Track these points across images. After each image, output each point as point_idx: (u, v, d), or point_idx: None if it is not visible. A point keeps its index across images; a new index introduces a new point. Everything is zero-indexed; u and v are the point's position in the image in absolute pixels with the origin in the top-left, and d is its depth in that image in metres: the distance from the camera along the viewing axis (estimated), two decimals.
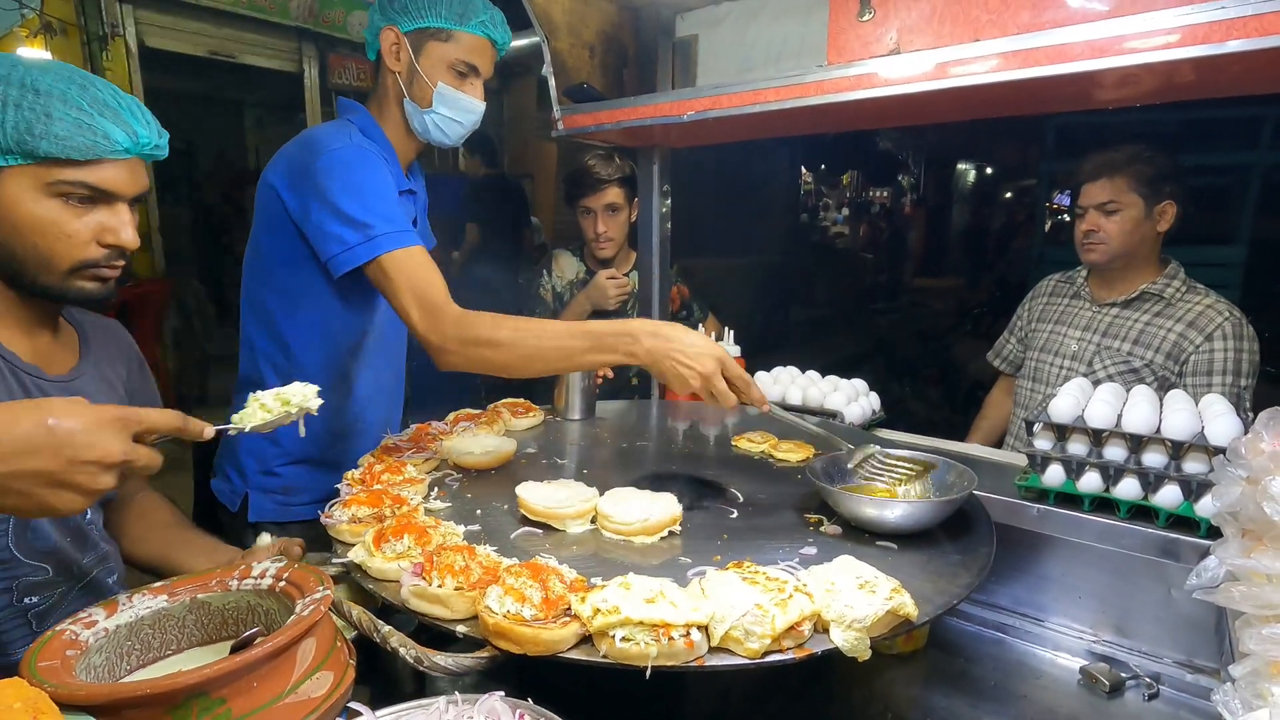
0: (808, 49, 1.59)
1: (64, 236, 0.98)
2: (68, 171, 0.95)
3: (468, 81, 1.52)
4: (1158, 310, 1.87)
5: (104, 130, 0.96)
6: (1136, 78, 1.14)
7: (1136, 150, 1.86)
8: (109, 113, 0.97)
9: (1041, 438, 1.33)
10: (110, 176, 0.98)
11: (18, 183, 0.95)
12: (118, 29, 4.78)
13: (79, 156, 0.95)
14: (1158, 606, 1.24)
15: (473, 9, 1.48)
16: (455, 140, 1.57)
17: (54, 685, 0.66)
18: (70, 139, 0.94)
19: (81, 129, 0.95)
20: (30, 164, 0.94)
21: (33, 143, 0.92)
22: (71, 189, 0.96)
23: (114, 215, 1.01)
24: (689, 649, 0.79)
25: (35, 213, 0.96)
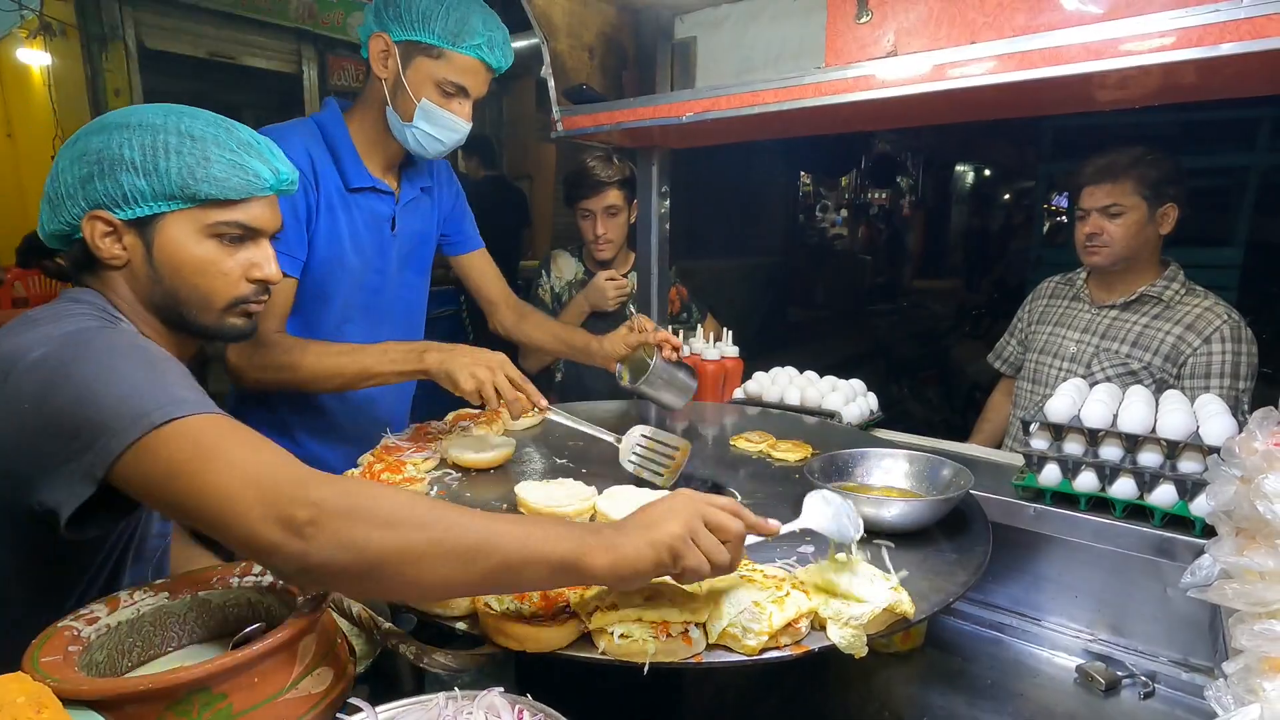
0: (806, 51, 1.60)
1: (220, 275, 1.02)
2: (223, 212, 1.00)
3: (454, 101, 1.48)
4: (1156, 313, 1.87)
5: (254, 170, 1.01)
6: (1132, 80, 1.15)
7: (1140, 153, 1.85)
8: (254, 152, 1.02)
9: (1038, 437, 1.34)
10: (258, 214, 1.03)
11: (180, 227, 0.99)
12: (117, 30, 4.78)
13: (235, 196, 1.00)
14: (1153, 605, 1.25)
15: (468, 30, 1.43)
16: (435, 155, 1.55)
17: (57, 680, 0.66)
18: (227, 180, 0.98)
19: (235, 169, 0.99)
20: (189, 208, 0.98)
21: (194, 186, 0.97)
22: (227, 229, 1.01)
23: (259, 251, 1.06)
24: (687, 646, 0.79)
25: (196, 254, 1.00)
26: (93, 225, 0.97)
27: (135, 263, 1.00)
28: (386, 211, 1.61)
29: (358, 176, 1.54)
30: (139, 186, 0.95)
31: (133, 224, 0.97)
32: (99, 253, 0.98)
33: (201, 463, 0.75)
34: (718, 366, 2.01)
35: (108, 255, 0.98)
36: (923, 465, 1.26)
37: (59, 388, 0.81)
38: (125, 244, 0.99)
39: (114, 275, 1.00)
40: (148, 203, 0.96)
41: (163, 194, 0.96)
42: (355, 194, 1.54)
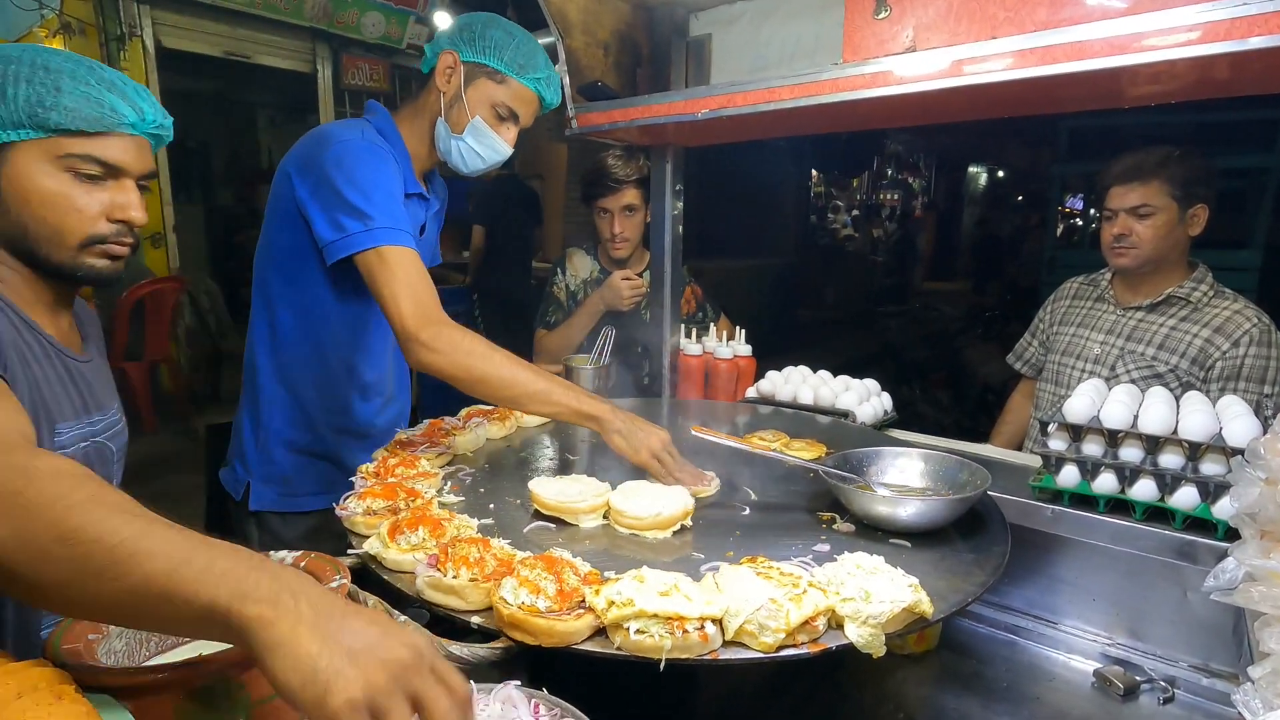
0: (822, 47, 1.59)
1: (74, 210, 1.01)
2: (76, 144, 0.99)
3: (504, 125, 1.58)
4: (1184, 315, 1.84)
5: (111, 104, 1.00)
6: (1156, 76, 1.13)
7: (1170, 152, 1.81)
8: (116, 90, 1.01)
9: (1056, 438, 1.32)
10: (117, 152, 1.02)
11: (28, 157, 0.98)
12: (135, 29, 4.84)
13: (87, 128, 0.98)
14: (1173, 609, 1.23)
15: (534, 64, 1.54)
16: (472, 171, 1.61)
17: (77, 667, 0.67)
18: (79, 110, 0.97)
19: (90, 102, 0.98)
20: (40, 137, 0.97)
21: (43, 115, 0.96)
22: (80, 162, 1.00)
23: (123, 192, 1.04)
24: (703, 642, 0.79)
25: (46, 186, 0.99)
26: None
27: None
28: (421, 217, 1.65)
29: (411, 182, 1.58)
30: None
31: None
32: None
33: None
34: (730, 365, 2.00)
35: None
36: (939, 465, 1.25)
37: None
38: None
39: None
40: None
41: (10, 122, 0.95)
42: (408, 199, 1.57)
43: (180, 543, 0.58)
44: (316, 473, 1.61)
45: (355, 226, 1.37)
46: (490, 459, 1.46)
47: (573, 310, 2.40)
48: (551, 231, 6.47)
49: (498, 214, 5.08)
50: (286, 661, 0.54)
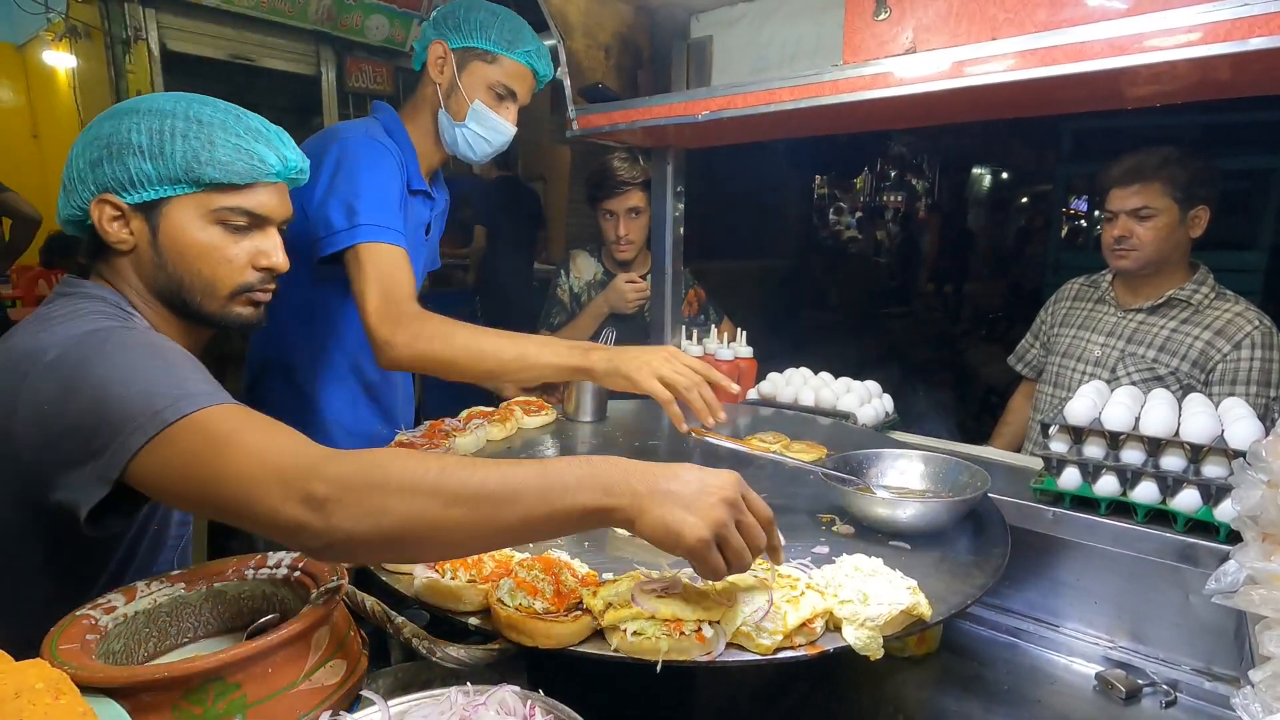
0: (823, 49, 1.59)
1: (225, 261, 1.03)
2: (228, 197, 1.01)
3: (504, 104, 1.58)
4: (1185, 317, 1.83)
5: (260, 155, 1.02)
6: (1157, 76, 1.13)
7: (1171, 154, 1.81)
8: (261, 139, 1.03)
9: (1057, 440, 1.31)
10: (264, 201, 1.04)
11: (184, 212, 1.00)
12: (140, 33, 4.86)
13: (239, 181, 1.00)
14: (1175, 612, 1.22)
15: (521, 38, 1.55)
16: (480, 158, 1.62)
17: (74, 667, 0.67)
18: (232, 164, 0.99)
19: (241, 154, 1.00)
20: (195, 192, 0.99)
21: (199, 170, 0.98)
22: (231, 215, 1.02)
23: (266, 239, 1.06)
24: (700, 644, 0.79)
25: (200, 239, 1.01)
26: (101, 209, 0.98)
27: (142, 247, 1.01)
28: (426, 216, 1.66)
29: (417, 180, 1.59)
30: (145, 170, 0.96)
31: (139, 208, 0.99)
32: (106, 237, 0.99)
33: (217, 452, 0.76)
34: (731, 367, 2.00)
35: (115, 239, 0.99)
36: (939, 467, 1.25)
37: (76, 389, 0.82)
38: (132, 228, 1.00)
39: (122, 261, 1.02)
40: (153, 186, 0.97)
41: (168, 177, 0.97)
42: (413, 196, 1.59)
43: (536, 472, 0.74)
44: None
45: (341, 224, 1.39)
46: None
47: (576, 312, 2.40)
48: (554, 234, 6.47)
49: (499, 215, 5.09)
50: (647, 528, 0.73)
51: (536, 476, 0.73)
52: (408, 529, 0.72)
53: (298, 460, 0.74)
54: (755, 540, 0.76)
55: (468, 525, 0.72)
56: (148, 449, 0.78)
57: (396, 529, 0.72)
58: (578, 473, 0.74)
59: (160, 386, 0.81)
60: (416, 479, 0.72)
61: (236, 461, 0.75)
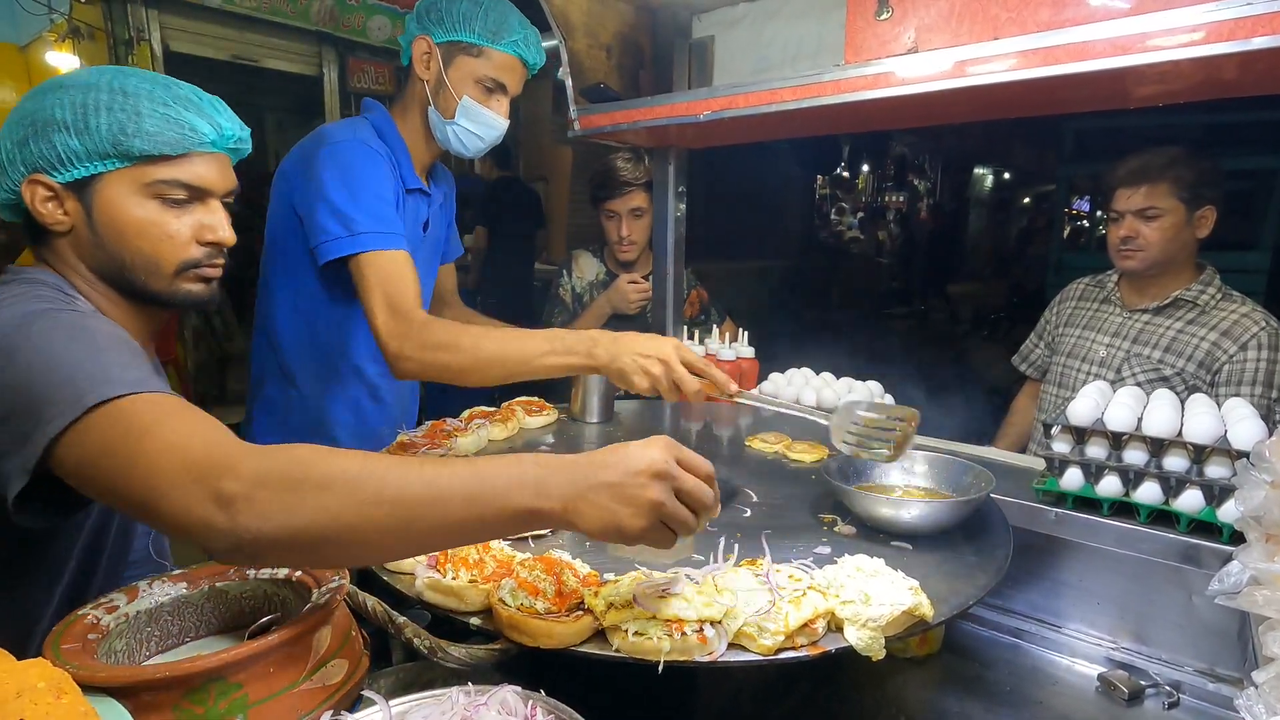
0: (825, 49, 1.59)
1: (166, 238, 0.99)
2: (162, 169, 0.97)
3: (494, 98, 1.54)
4: (1191, 318, 1.82)
5: (190, 123, 0.98)
6: (1160, 76, 1.12)
7: (1177, 154, 1.80)
8: (193, 107, 1.00)
9: (1060, 441, 1.31)
10: (201, 172, 1.00)
11: (117, 188, 0.96)
12: (143, 34, 4.87)
13: (171, 151, 0.97)
14: (1178, 613, 1.22)
15: (507, 28, 1.49)
16: (474, 152, 1.59)
17: (76, 666, 0.67)
18: (161, 134, 0.96)
19: (170, 124, 0.96)
20: (126, 166, 0.96)
21: (127, 142, 0.94)
22: (167, 188, 0.98)
23: (210, 213, 1.03)
24: (702, 644, 0.79)
25: (137, 215, 0.97)
26: (32, 190, 0.94)
27: (79, 227, 0.97)
28: (424, 213, 1.65)
29: (410, 178, 1.58)
30: (72, 146, 0.93)
31: (71, 187, 0.95)
32: (41, 219, 0.96)
33: (134, 442, 0.72)
34: (733, 367, 1.99)
35: (50, 221, 0.96)
36: (942, 467, 1.25)
37: (3, 374, 0.79)
38: (66, 208, 0.96)
39: (61, 243, 0.98)
40: (82, 163, 0.94)
41: (96, 153, 0.94)
42: (408, 195, 1.58)
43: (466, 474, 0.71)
44: None
45: (338, 230, 1.38)
46: None
47: (578, 312, 2.40)
48: (556, 234, 6.47)
49: (499, 215, 5.09)
50: (586, 525, 0.72)
51: (464, 480, 0.71)
52: (320, 529, 0.68)
53: (212, 455, 0.70)
54: (700, 501, 0.75)
55: (387, 528, 0.69)
56: (68, 435, 0.74)
57: (307, 528, 0.68)
58: (509, 474, 0.71)
59: (85, 371, 0.78)
60: (333, 477, 0.69)
61: (150, 453, 0.71)
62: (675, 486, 0.74)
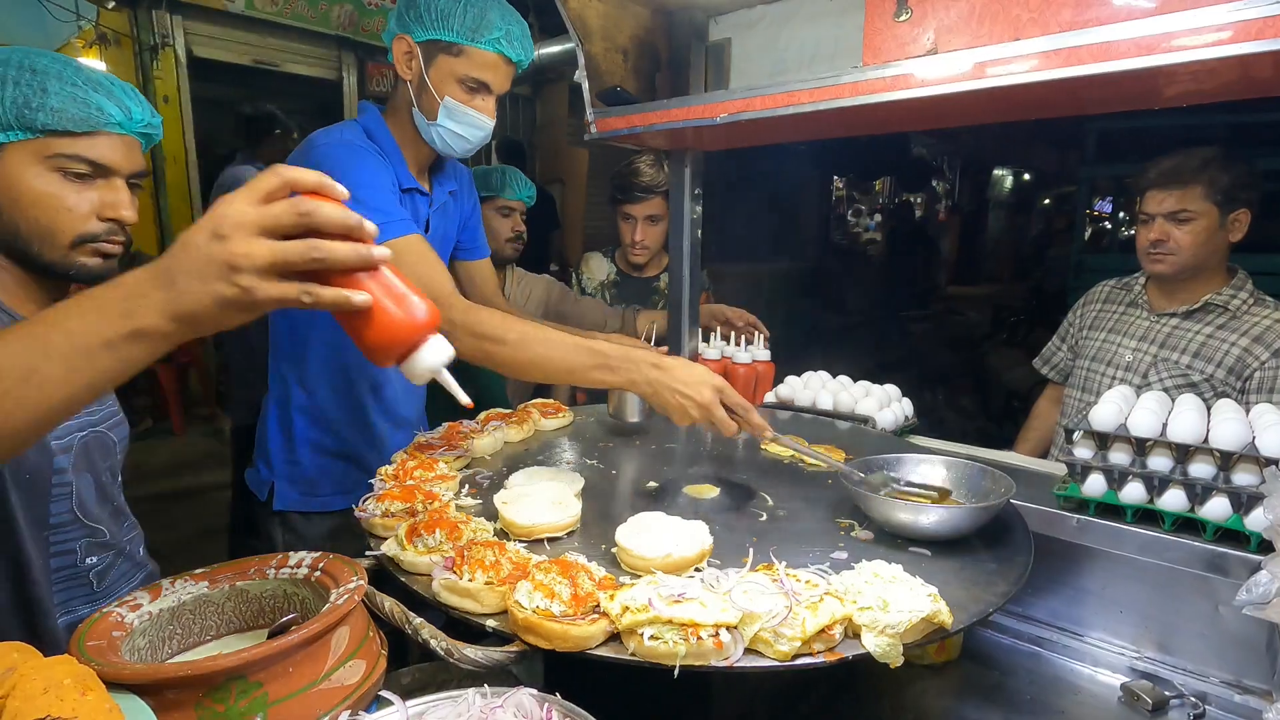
0: (842, 51, 1.58)
1: (64, 210, 1.02)
2: (65, 143, 1.00)
3: (477, 97, 1.49)
4: (1221, 323, 1.78)
5: (98, 104, 1.01)
6: (1186, 76, 1.10)
7: (1210, 155, 1.76)
8: (102, 89, 1.03)
9: (1082, 446, 1.29)
10: (106, 151, 1.03)
11: (18, 158, 0.99)
12: (168, 39, 4.96)
13: (75, 128, 1.00)
14: (1204, 623, 1.19)
15: (486, 25, 1.44)
16: (461, 153, 1.57)
17: (101, 664, 0.68)
18: (66, 111, 0.99)
19: (76, 102, 1.00)
20: (29, 138, 0.99)
21: (30, 116, 0.97)
22: (68, 162, 1.01)
23: (112, 191, 1.05)
24: (718, 649, 0.78)
25: (35, 186, 1.00)
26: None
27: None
28: (424, 213, 1.64)
29: (405, 178, 1.57)
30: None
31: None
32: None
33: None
34: (749, 370, 1.99)
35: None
36: (960, 472, 1.23)
37: None
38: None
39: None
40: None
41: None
42: (404, 194, 1.57)
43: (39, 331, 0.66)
44: (339, 473, 1.63)
45: None
46: (508, 462, 1.47)
47: None
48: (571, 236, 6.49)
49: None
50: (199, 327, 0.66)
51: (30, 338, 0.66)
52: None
53: None
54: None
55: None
56: None
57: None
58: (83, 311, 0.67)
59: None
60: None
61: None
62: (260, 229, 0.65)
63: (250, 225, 0.65)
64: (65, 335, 0.65)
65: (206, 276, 0.64)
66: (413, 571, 0.99)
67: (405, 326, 0.71)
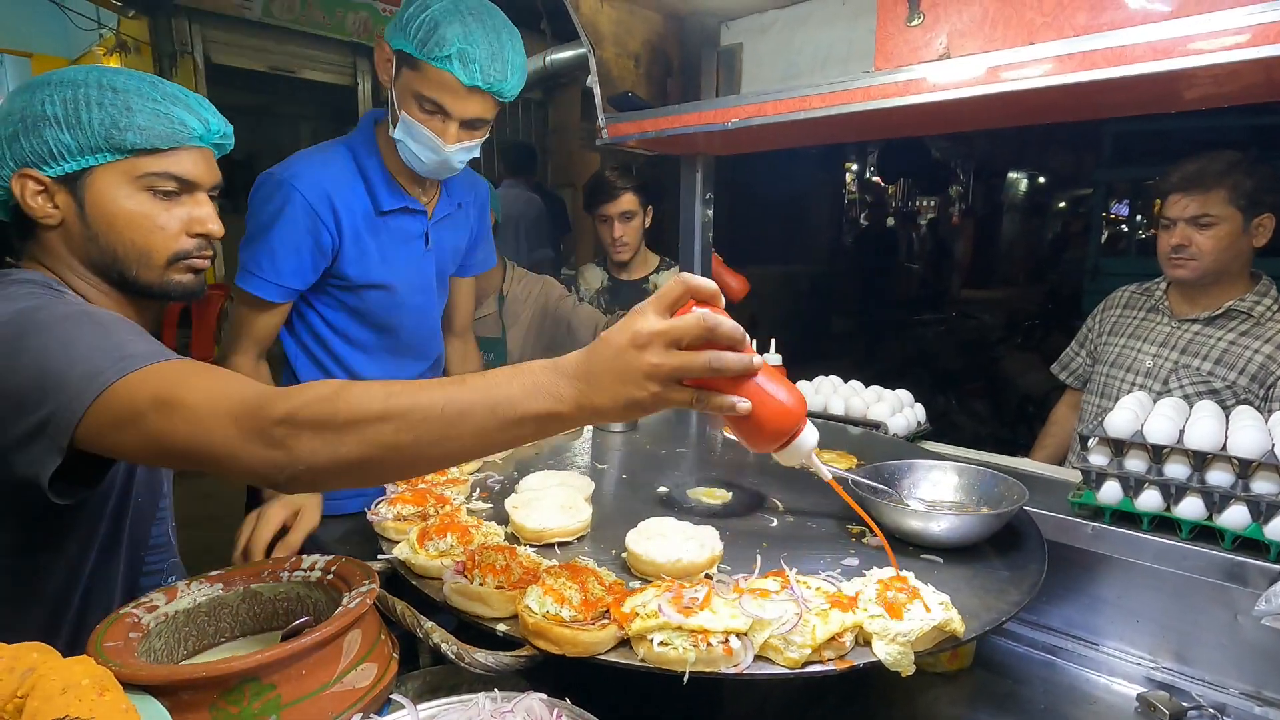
0: (854, 55, 1.58)
1: (157, 229, 1.03)
2: (151, 162, 1.00)
3: (435, 119, 1.36)
4: (1244, 329, 1.76)
5: (180, 118, 1.02)
6: (1205, 80, 1.09)
7: (1234, 159, 1.73)
8: (181, 103, 1.03)
9: (1097, 453, 1.28)
10: (190, 166, 1.04)
11: (109, 180, 1.00)
12: (187, 47, 5.03)
13: (161, 145, 1.00)
14: (1223, 633, 1.18)
15: (438, 40, 1.27)
16: (425, 173, 1.49)
17: (118, 664, 0.69)
18: (152, 128, 0.99)
19: (160, 118, 1.00)
20: (118, 160, 0.99)
21: (119, 136, 0.97)
22: (158, 180, 1.01)
23: (198, 206, 1.06)
24: (727, 656, 0.78)
25: (129, 208, 1.01)
26: (22, 184, 0.97)
27: (69, 221, 1.00)
28: (418, 229, 1.62)
29: (388, 199, 1.53)
30: (64, 141, 0.96)
31: (62, 181, 0.98)
32: (32, 212, 0.98)
33: (164, 403, 0.77)
34: None
35: (40, 214, 0.99)
36: (973, 479, 1.22)
37: (15, 365, 0.82)
38: (57, 202, 0.99)
39: (51, 237, 1.01)
40: (74, 157, 0.97)
41: (88, 147, 0.97)
42: (385, 216, 1.55)
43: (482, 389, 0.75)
44: None
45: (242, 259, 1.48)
46: (519, 466, 1.47)
47: None
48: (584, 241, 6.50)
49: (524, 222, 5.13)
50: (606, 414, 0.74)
51: (482, 393, 0.75)
52: (366, 456, 0.74)
53: (246, 402, 0.76)
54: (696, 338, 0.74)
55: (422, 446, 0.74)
56: (94, 410, 0.79)
57: (356, 457, 0.74)
58: (522, 383, 0.75)
59: (98, 351, 0.82)
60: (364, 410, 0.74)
61: (186, 409, 0.76)
62: (670, 341, 0.73)
63: (665, 337, 0.73)
64: (508, 402, 0.74)
65: (625, 380, 0.73)
66: (424, 575, 1.00)
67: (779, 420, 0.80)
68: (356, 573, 0.89)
